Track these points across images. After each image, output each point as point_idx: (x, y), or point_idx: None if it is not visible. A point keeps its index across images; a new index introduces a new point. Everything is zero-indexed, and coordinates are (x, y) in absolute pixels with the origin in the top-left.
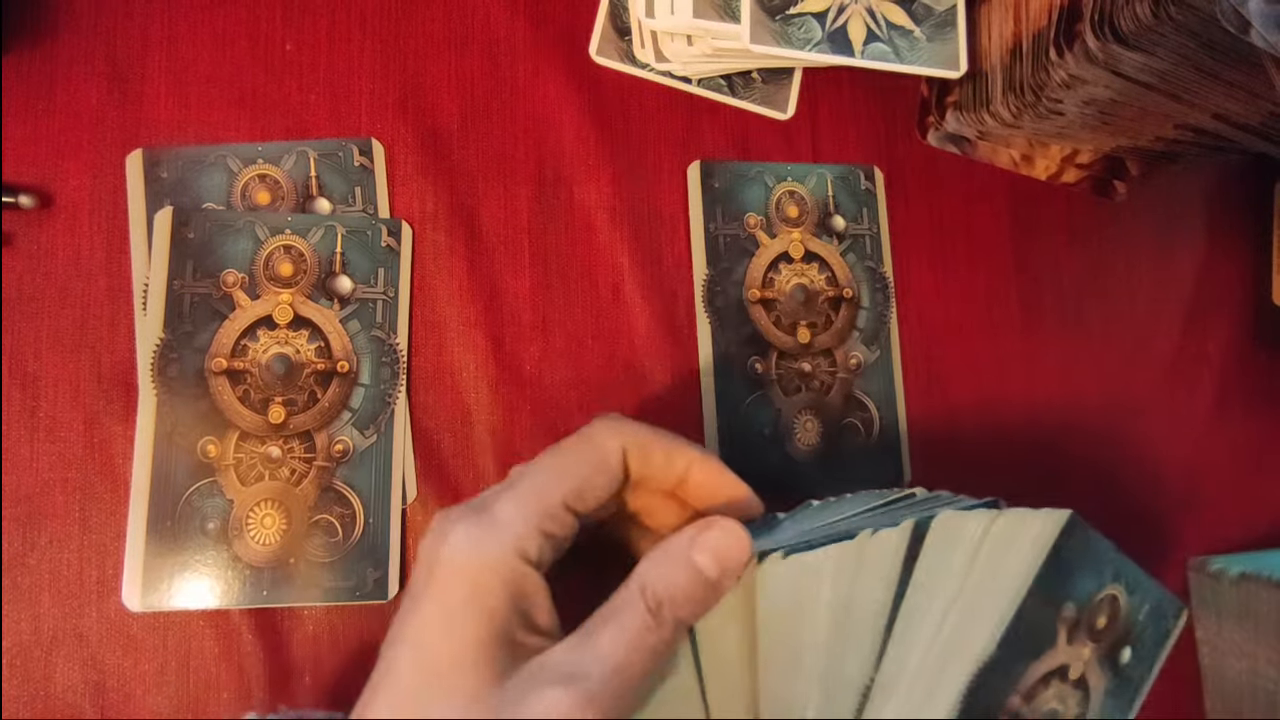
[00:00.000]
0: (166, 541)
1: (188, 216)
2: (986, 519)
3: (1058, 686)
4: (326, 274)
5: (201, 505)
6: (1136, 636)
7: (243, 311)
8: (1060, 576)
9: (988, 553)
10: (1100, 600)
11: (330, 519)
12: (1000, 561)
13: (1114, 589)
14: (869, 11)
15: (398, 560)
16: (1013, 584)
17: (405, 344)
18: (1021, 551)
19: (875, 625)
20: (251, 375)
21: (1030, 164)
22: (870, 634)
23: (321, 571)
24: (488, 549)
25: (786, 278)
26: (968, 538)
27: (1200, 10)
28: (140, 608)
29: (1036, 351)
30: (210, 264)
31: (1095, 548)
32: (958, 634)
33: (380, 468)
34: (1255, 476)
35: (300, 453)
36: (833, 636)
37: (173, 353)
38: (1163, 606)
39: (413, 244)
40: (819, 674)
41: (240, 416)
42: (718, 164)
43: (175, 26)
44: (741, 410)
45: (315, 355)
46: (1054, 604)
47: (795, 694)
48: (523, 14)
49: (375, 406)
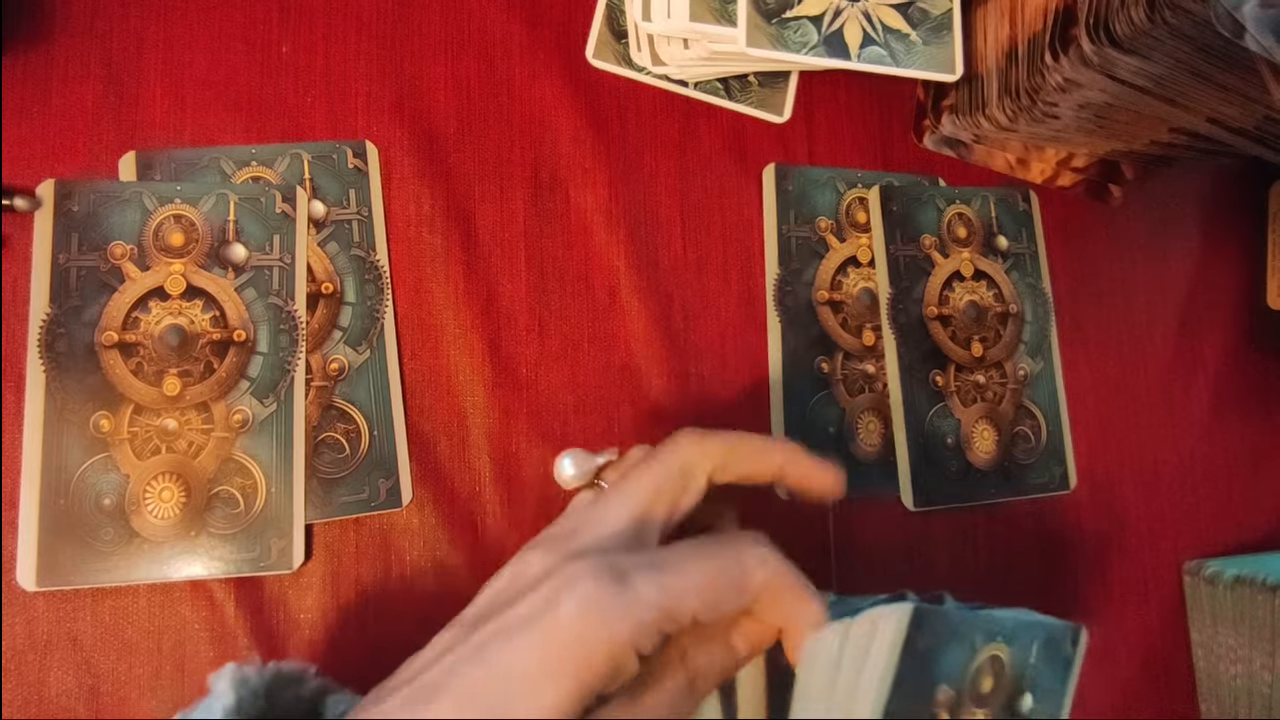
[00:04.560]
0: (60, 520)
1: (70, 189)
2: (841, 631)
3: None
4: (219, 242)
5: (96, 482)
6: (1032, 680)
7: (132, 283)
8: (921, 666)
9: (846, 665)
10: (978, 667)
11: (231, 490)
12: (859, 673)
13: (992, 649)
14: (865, 15)
15: (301, 529)
16: (873, 693)
17: (303, 309)
18: (876, 657)
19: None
20: (144, 348)
21: (1026, 167)
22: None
23: (224, 543)
24: (617, 632)
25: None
26: (827, 656)
27: (1195, 14)
28: (35, 587)
29: None
30: (96, 236)
31: (953, 623)
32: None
33: (281, 435)
34: (1250, 480)
35: (198, 424)
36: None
37: (60, 328)
38: (1054, 639)
39: (309, 208)
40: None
41: (134, 390)
42: (792, 168)
43: (171, 29)
44: (808, 410)
45: (210, 325)
46: (923, 694)
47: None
48: (519, 17)
49: (274, 375)
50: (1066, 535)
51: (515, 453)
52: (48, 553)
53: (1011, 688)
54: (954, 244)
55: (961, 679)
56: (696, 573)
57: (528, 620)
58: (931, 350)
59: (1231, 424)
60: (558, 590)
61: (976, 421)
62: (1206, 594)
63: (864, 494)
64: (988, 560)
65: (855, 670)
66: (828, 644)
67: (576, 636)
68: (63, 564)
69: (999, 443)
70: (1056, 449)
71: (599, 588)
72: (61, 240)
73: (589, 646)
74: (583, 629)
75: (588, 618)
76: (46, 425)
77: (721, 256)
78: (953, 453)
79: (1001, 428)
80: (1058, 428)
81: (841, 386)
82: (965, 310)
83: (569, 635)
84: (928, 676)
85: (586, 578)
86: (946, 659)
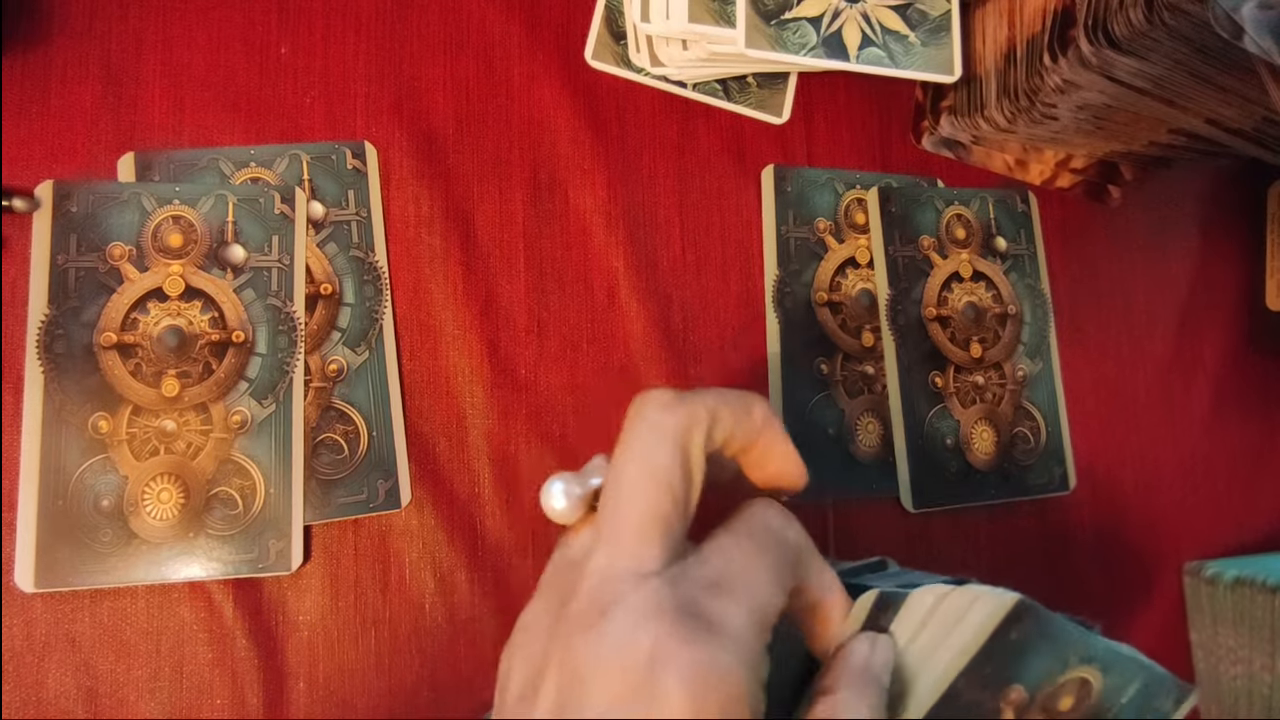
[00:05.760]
0: (59, 521)
1: (69, 190)
2: (940, 594)
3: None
4: (218, 243)
5: (94, 483)
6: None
7: (131, 284)
8: (1004, 657)
9: (932, 627)
10: (1063, 683)
11: (230, 491)
12: (942, 637)
13: (1083, 671)
14: (864, 16)
15: (300, 530)
16: (948, 661)
17: (302, 310)
18: (964, 629)
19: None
20: (143, 349)
21: (1024, 169)
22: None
23: (222, 545)
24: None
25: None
26: (923, 609)
27: (1194, 16)
28: (33, 588)
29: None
30: (95, 237)
31: (1053, 629)
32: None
33: (280, 437)
34: (1250, 481)
35: (196, 425)
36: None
37: (58, 329)
38: (1156, 689)
39: (308, 208)
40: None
41: (132, 391)
42: (790, 169)
43: (170, 30)
44: (807, 411)
45: (209, 326)
46: (995, 685)
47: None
48: (518, 18)
49: (273, 376)
50: (1066, 536)
51: (514, 454)
52: (46, 554)
53: (1093, 716)
54: (953, 245)
55: (1040, 687)
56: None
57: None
58: (930, 351)
59: (1231, 425)
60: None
61: (975, 422)
62: (1206, 595)
63: (863, 495)
64: (988, 561)
65: (940, 634)
66: (922, 601)
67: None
68: (61, 565)
69: (998, 444)
70: (1056, 450)
71: (697, 659)
72: (60, 241)
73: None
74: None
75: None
76: (45, 426)
77: (720, 257)
78: (952, 454)
79: (1000, 429)
80: (1057, 429)
81: (841, 388)
82: (964, 311)
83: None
84: (1006, 670)
85: (680, 648)
86: (1033, 661)
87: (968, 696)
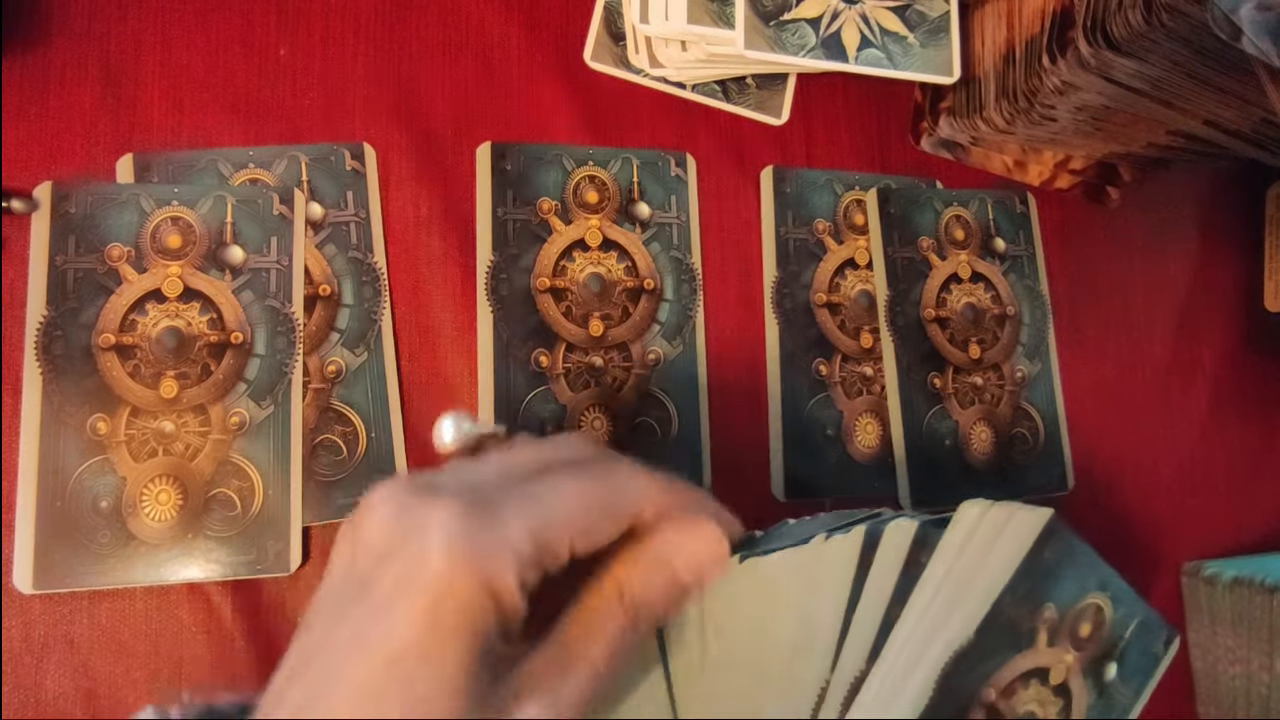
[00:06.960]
0: (57, 522)
1: (68, 191)
2: (983, 506)
3: (1037, 689)
4: (217, 244)
5: (93, 484)
6: (1121, 652)
7: (129, 285)
8: (1041, 576)
9: (978, 540)
10: (1083, 607)
11: (228, 493)
12: (987, 551)
13: (1098, 598)
14: (863, 17)
15: (299, 531)
16: (995, 574)
17: (300, 312)
18: (1005, 544)
19: (832, 626)
20: (141, 350)
21: (1023, 170)
22: (826, 635)
23: (221, 546)
24: (493, 567)
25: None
26: (966, 522)
27: (1192, 17)
28: (32, 589)
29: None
30: (93, 238)
31: (1078, 553)
32: (941, 615)
33: (279, 438)
34: (1249, 481)
35: (195, 427)
36: (789, 636)
37: (57, 330)
38: (1151, 628)
39: (306, 210)
40: (778, 674)
41: (131, 392)
42: (789, 170)
43: (169, 31)
44: (806, 412)
45: (207, 327)
46: (1033, 602)
47: (756, 692)
48: (517, 19)
49: (272, 377)
50: None
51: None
52: (44, 555)
53: (1104, 646)
54: (952, 246)
55: (1068, 609)
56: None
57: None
58: (929, 352)
59: (1230, 425)
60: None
61: (974, 423)
62: (1205, 595)
63: (862, 496)
64: None
65: (982, 550)
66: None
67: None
68: (59, 566)
69: (997, 444)
70: (1054, 450)
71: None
72: (59, 242)
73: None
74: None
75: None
76: (43, 427)
77: (719, 258)
78: (951, 454)
79: (999, 429)
80: (1055, 429)
81: (840, 388)
82: (963, 312)
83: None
84: (1041, 590)
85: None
86: (1062, 583)
87: (1009, 613)
